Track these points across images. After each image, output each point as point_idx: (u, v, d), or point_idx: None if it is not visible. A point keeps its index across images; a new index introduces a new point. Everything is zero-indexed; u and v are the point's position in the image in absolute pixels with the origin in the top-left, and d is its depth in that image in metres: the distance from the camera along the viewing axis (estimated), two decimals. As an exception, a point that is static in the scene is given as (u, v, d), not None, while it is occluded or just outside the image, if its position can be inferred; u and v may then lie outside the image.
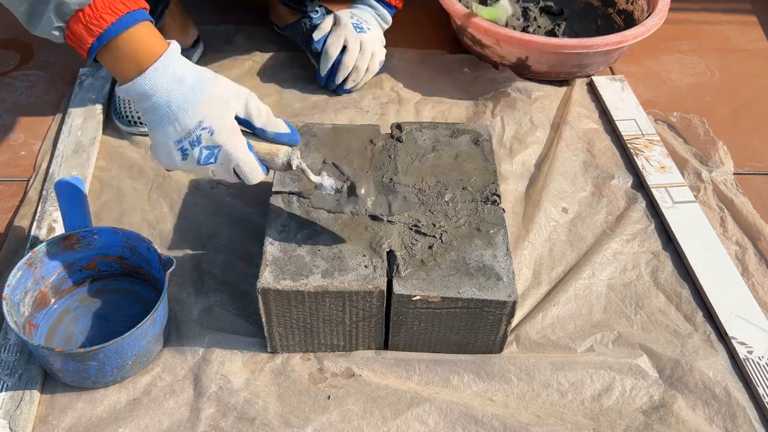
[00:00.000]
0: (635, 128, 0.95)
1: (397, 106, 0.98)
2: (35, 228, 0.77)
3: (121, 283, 0.72)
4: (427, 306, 0.63)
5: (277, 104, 0.98)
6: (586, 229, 0.81)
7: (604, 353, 0.68)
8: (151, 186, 0.85)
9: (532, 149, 0.91)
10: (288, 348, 0.67)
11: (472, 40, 1.03)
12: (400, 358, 0.67)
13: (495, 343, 0.67)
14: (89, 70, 0.99)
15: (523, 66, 1.00)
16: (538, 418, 0.63)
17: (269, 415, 0.62)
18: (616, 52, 1.00)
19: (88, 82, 0.97)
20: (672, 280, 0.76)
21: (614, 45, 0.96)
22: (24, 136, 0.93)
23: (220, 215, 0.81)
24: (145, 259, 0.69)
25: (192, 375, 0.66)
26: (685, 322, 0.72)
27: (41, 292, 0.68)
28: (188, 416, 0.63)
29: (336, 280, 0.62)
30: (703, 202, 0.85)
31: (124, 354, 0.62)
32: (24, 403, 0.62)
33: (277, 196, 0.70)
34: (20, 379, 0.64)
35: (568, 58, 0.98)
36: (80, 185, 0.70)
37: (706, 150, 0.92)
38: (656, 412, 0.64)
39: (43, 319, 0.68)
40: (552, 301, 0.73)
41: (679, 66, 1.10)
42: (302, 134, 0.77)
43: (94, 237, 0.69)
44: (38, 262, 0.66)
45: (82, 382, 0.63)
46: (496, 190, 0.71)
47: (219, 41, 1.08)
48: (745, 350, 0.68)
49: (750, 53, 1.13)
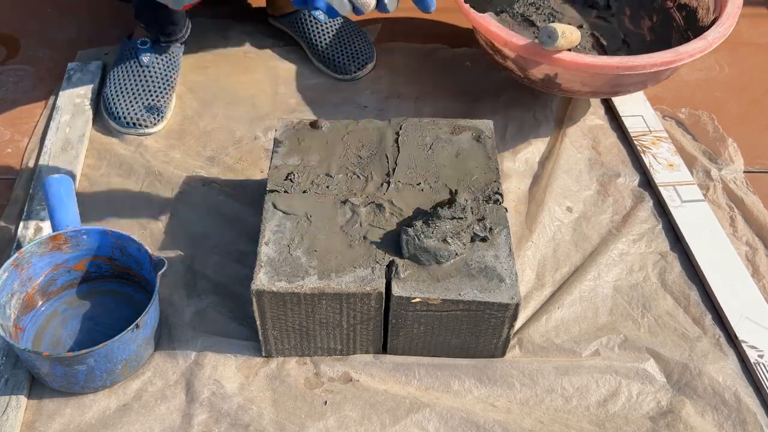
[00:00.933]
0: (642, 125, 0.93)
1: (397, 101, 0.97)
2: (22, 228, 0.76)
3: (110, 284, 0.71)
4: (427, 308, 0.61)
5: (273, 100, 0.97)
6: (592, 229, 0.80)
7: (610, 357, 0.67)
8: (141, 185, 0.83)
9: (535, 146, 0.90)
10: (283, 352, 0.66)
11: (492, 49, 0.85)
12: (399, 362, 0.66)
13: (497, 347, 0.66)
14: (78, 65, 0.98)
15: (551, 83, 0.83)
16: (542, 425, 0.62)
17: (264, 422, 0.61)
18: (667, 72, 0.81)
19: (76, 77, 0.96)
20: (680, 282, 0.75)
21: (663, 65, 0.76)
22: (10, 132, 0.91)
23: (213, 215, 0.80)
24: (136, 260, 0.68)
25: (184, 380, 0.65)
26: (694, 325, 0.71)
27: (28, 294, 0.66)
28: (180, 422, 0.62)
29: (333, 281, 0.60)
30: (712, 201, 0.83)
31: (114, 358, 0.61)
32: (10, 408, 0.61)
33: (272, 195, 0.68)
34: (6, 384, 0.62)
35: (605, 78, 0.80)
36: (68, 183, 0.68)
37: (716, 147, 0.91)
38: (664, 418, 0.63)
39: (30, 322, 0.67)
40: (556, 303, 0.72)
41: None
42: (297, 132, 0.75)
43: (83, 237, 0.67)
44: (25, 263, 0.65)
45: (71, 387, 0.62)
46: (498, 189, 0.69)
47: (213, 36, 1.06)
48: (755, 354, 0.67)
49: (761, 47, 1.12)
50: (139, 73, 0.91)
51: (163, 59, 0.92)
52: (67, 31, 1.07)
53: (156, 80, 0.91)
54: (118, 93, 0.90)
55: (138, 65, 0.91)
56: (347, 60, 0.99)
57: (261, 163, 0.87)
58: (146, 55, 0.91)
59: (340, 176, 0.70)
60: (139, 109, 0.88)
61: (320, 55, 1.00)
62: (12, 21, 1.09)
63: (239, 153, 0.88)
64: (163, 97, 0.90)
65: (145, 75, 0.91)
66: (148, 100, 0.89)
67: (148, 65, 0.91)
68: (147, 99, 0.89)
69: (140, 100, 0.89)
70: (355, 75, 0.99)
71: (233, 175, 0.85)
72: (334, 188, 0.69)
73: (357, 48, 1.00)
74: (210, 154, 0.88)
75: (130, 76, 0.91)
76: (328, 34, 1.00)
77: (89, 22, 1.08)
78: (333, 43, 1.00)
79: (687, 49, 0.78)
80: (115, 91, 0.90)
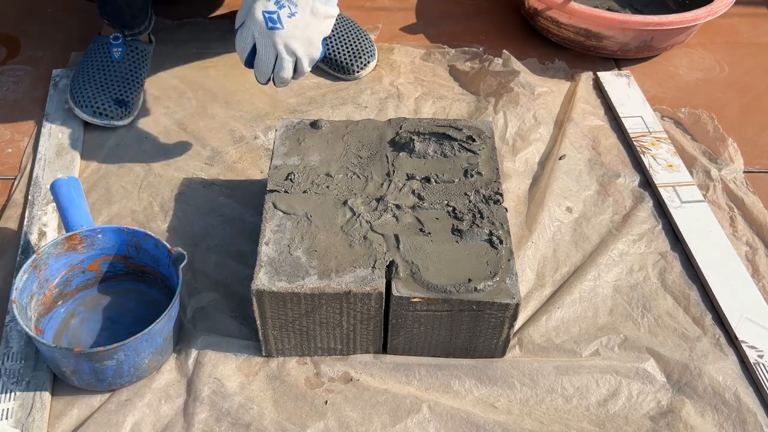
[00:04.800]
0: (642, 125, 0.93)
1: (397, 101, 0.97)
2: (25, 233, 0.76)
3: (125, 283, 0.70)
4: (427, 308, 0.61)
5: (273, 100, 0.96)
6: (592, 230, 0.80)
7: (610, 357, 0.67)
8: (140, 185, 0.83)
9: (535, 146, 0.90)
10: (283, 352, 0.66)
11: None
12: (399, 362, 0.66)
13: (497, 347, 0.65)
14: (63, 71, 0.98)
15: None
16: (542, 425, 0.62)
17: (265, 421, 0.61)
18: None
19: (63, 83, 0.96)
20: (680, 282, 0.74)
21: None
22: (10, 133, 0.91)
23: (213, 214, 0.80)
24: (152, 257, 0.67)
25: (185, 378, 0.65)
26: (694, 325, 0.71)
27: (45, 296, 0.66)
28: (182, 421, 0.61)
29: (333, 281, 0.60)
30: (712, 201, 0.83)
31: (142, 352, 0.61)
32: (35, 410, 0.61)
33: (272, 195, 0.68)
34: (29, 386, 0.63)
35: None
36: (77, 184, 0.68)
37: (716, 147, 0.91)
38: (664, 418, 0.63)
39: (48, 323, 0.67)
40: (556, 303, 0.72)
41: (688, 60, 1.08)
42: (297, 132, 0.75)
43: (98, 236, 0.67)
44: (42, 264, 0.65)
45: (98, 384, 0.62)
46: (498, 189, 0.69)
47: (213, 36, 1.06)
48: (755, 354, 0.67)
49: (761, 47, 1.12)
50: (108, 67, 0.91)
51: (132, 56, 0.92)
52: (67, 31, 1.07)
53: (125, 76, 0.91)
54: (86, 83, 0.90)
55: (108, 60, 0.91)
56: (350, 59, 0.99)
57: (261, 163, 0.87)
58: (117, 50, 0.91)
59: (340, 176, 0.70)
60: (107, 100, 0.88)
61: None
62: (12, 21, 1.09)
63: (239, 153, 0.88)
64: (132, 93, 0.90)
65: (114, 69, 0.91)
66: (116, 94, 0.89)
67: (118, 60, 0.91)
68: (115, 92, 0.89)
69: (108, 93, 0.89)
70: (358, 74, 0.99)
71: (233, 175, 0.85)
72: (334, 188, 0.69)
73: (360, 47, 1.00)
74: (210, 154, 0.88)
75: (99, 69, 0.91)
76: (331, 33, 1.00)
77: (89, 22, 1.08)
78: (336, 42, 1.00)
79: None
80: (84, 81, 0.90)
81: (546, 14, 1.04)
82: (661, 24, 0.98)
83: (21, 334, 0.66)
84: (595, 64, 1.05)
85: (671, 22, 0.98)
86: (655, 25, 0.98)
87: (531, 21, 1.10)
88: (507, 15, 1.16)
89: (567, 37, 1.04)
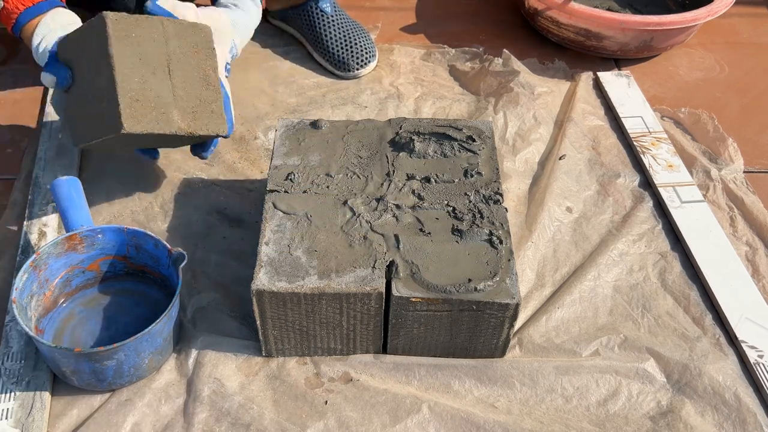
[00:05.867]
0: (642, 125, 0.93)
1: (397, 101, 0.97)
2: (25, 233, 0.76)
3: (125, 283, 0.70)
4: (427, 308, 0.61)
5: (272, 100, 0.96)
6: (592, 230, 0.80)
7: (610, 357, 0.67)
8: (141, 186, 0.83)
9: (535, 146, 0.90)
10: (283, 352, 0.66)
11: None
12: (399, 362, 0.66)
13: (497, 347, 0.65)
14: None
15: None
16: (542, 425, 0.62)
17: (265, 421, 0.61)
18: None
19: None
20: (680, 282, 0.74)
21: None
22: (11, 133, 0.91)
23: (213, 214, 0.80)
24: (152, 257, 0.67)
25: (185, 378, 0.65)
26: (694, 325, 0.71)
27: (45, 296, 0.66)
28: (182, 421, 0.61)
29: (333, 281, 0.60)
30: (712, 201, 0.83)
31: (142, 352, 0.61)
32: (35, 410, 0.61)
33: (272, 195, 0.68)
34: (28, 386, 0.63)
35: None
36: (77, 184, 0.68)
37: (716, 147, 0.91)
38: (664, 418, 0.63)
39: (48, 323, 0.67)
40: (556, 303, 0.72)
41: (688, 60, 1.08)
42: (297, 132, 0.75)
43: (98, 236, 0.67)
44: (42, 264, 0.65)
45: (98, 384, 0.62)
46: (498, 189, 0.69)
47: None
48: (755, 354, 0.67)
49: (761, 47, 1.12)
50: None
51: None
52: (67, 31, 1.08)
53: None
54: None
55: None
56: (350, 56, 0.98)
57: (261, 163, 0.87)
58: None
59: (340, 176, 0.70)
60: None
61: (324, 49, 1.00)
62: (12, 21, 1.09)
63: (239, 153, 0.88)
64: None
65: None
66: None
67: None
68: None
69: None
70: (357, 73, 0.99)
71: (233, 176, 0.85)
72: (334, 188, 0.69)
73: (361, 45, 1.00)
74: (209, 154, 0.88)
75: None
76: (334, 28, 1.00)
77: (89, 22, 1.08)
78: (338, 37, 0.99)
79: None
80: None
81: (546, 14, 1.04)
82: (661, 24, 0.98)
83: (21, 334, 0.66)
84: (595, 64, 1.05)
85: (671, 22, 0.98)
86: (655, 25, 0.98)
87: (531, 21, 1.10)
88: (507, 15, 1.16)
89: (567, 37, 1.04)
